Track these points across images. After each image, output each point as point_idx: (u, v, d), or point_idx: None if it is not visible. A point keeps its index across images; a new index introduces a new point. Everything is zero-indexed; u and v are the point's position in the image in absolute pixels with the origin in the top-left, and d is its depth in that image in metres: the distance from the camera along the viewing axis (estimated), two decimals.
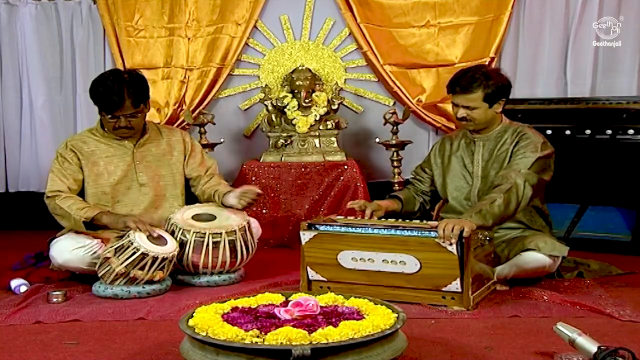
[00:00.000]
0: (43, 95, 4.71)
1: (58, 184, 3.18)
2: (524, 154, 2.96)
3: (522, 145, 3.00)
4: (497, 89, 3.01)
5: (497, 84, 3.02)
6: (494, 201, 2.79)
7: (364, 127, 4.65)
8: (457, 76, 3.07)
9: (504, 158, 3.04)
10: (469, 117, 3.04)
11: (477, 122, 3.06)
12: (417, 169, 3.40)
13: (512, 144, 3.04)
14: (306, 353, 1.76)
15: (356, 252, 2.76)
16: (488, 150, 3.11)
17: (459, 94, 3.02)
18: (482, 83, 2.99)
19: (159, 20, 4.60)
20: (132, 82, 3.18)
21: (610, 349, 1.98)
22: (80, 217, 3.07)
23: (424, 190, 3.31)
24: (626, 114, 3.87)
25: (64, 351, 2.30)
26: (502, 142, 3.08)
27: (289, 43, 4.64)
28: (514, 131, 3.08)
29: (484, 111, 3.03)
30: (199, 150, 3.48)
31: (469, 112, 3.03)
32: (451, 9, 4.41)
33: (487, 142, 3.12)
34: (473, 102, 3.00)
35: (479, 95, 2.99)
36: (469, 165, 3.15)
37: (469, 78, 3.01)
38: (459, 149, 3.21)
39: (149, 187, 3.31)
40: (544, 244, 2.87)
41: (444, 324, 2.52)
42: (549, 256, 2.88)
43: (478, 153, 3.13)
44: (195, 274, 3.15)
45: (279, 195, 4.19)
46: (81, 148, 3.26)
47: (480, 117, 3.04)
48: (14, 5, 4.70)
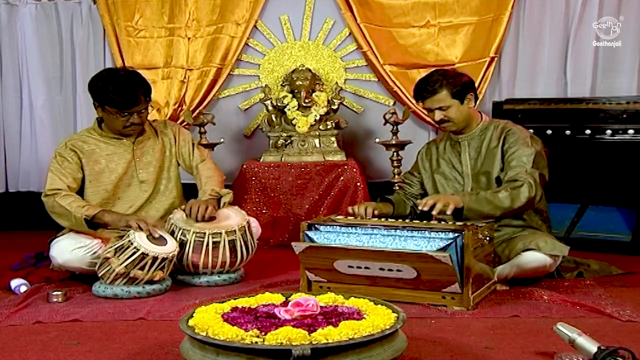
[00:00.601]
0: (43, 95, 4.71)
1: (57, 182, 3.18)
2: (518, 150, 3.01)
3: (511, 141, 3.05)
4: (461, 85, 3.10)
5: (458, 80, 3.11)
6: (498, 192, 2.85)
7: (364, 127, 4.65)
8: (418, 83, 3.17)
9: (495, 155, 3.08)
10: (447, 118, 3.11)
11: (456, 120, 3.12)
12: (406, 174, 3.46)
13: (500, 140, 3.10)
14: (306, 353, 1.76)
15: (352, 261, 2.74)
16: (474, 148, 3.17)
17: (427, 98, 3.11)
18: (443, 81, 3.08)
19: (159, 20, 4.60)
20: (138, 77, 3.23)
21: (610, 349, 1.98)
22: (82, 214, 3.06)
23: (413, 194, 3.32)
24: (626, 114, 3.87)
25: (64, 351, 2.30)
26: (487, 139, 3.14)
27: (289, 43, 4.64)
28: (497, 127, 3.15)
29: (457, 108, 3.10)
30: (189, 139, 3.47)
31: (444, 113, 3.10)
32: (451, 9, 4.42)
33: (471, 140, 3.19)
34: (443, 101, 3.08)
35: (445, 94, 3.08)
36: (457, 165, 3.20)
37: (430, 81, 3.11)
38: (445, 151, 3.27)
39: (149, 183, 3.32)
40: (544, 243, 2.87)
41: (444, 324, 2.52)
42: (549, 255, 2.88)
43: (465, 152, 3.19)
44: (195, 274, 3.15)
45: (279, 195, 4.19)
46: (81, 147, 3.26)
47: (457, 115, 3.11)
48: (14, 5, 4.71)
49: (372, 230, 2.79)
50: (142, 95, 3.18)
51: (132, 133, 3.27)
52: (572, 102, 4.09)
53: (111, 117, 3.19)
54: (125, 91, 3.13)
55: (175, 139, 3.42)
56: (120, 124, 3.20)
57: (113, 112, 3.17)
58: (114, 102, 3.14)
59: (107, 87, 3.13)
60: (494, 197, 2.84)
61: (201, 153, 3.46)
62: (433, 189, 3.26)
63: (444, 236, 2.67)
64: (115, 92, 3.12)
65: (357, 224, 2.87)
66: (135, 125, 3.22)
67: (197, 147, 3.48)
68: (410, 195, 3.32)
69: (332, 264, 2.77)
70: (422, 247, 2.65)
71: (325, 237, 2.83)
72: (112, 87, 3.13)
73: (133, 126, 3.21)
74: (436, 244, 2.64)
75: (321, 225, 2.88)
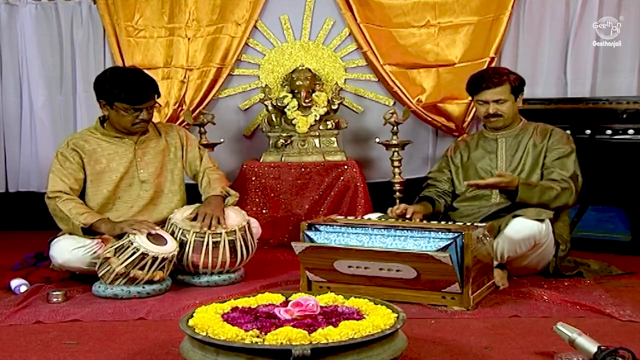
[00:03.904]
0: (43, 95, 4.71)
1: (59, 184, 3.18)
2: (564, 150, 3.15)
3: (556, 139, 3.20)
4: (519, 82, 3.23)
5: (518, 77, 3.25)
6: (551, 188, 2.99)
7: (364, 127, 4.65)
8: (480, 75, 3.27)
9: (538, 151, 3.19)
10: (500, 112, 3.20)
11: (507, 116, 3.22)
12: (434, 172, 3.47)
13: (545, 139, 3.21)
14: (306, 353, 1.77)
15: (352, 261, 2.75)
16: (511, 146, 3.26)
17: (488, 89, 3.18)
18: (510, 75, 3.21)
19: (159, 20, 4.60)
20: (144, 73, 3.29)
21: (610, 349, 1.98)
22: (79, 222, 3.06)
23: (445, 191, 3.36)
24: (626, 114, 3.87)
25: (64, 351, 2.30)
26: (528, 136, 3.25)
27: (289, 43, 4.63)
28: (538, 127, 3.28)
29: (512, 104, 3.21)
30: (196, 144, 3.50)
31: (498, 107, 3.19)
32: (451, 9, 4.41)
33: (508, 138, 3.29)
34: (503, 94, 3.17)
35: (507, 88, 3.18)
36: (493, 160, 3.28)
37: (496, 73, 3.24)
38: (477, 147, 3.35)
39: (150, 183, 3.32)
40: (528, 211, 2.95)
41: (444, 324, 2.52)
42: (536, 221, 2.90)
43: (501, 148, 3.28)
44: (195, 274, 3.15)
45: (279, 195, 4.19)
46: (83, 146, 3.26)
47: (509, 111, 3.21)
48: (14, 5, 4.70)
49: (372, 230, 2.79)
50: (152, 91, 3.23)
51: (140, 130, 3.28)
52: (572, 102, 4.09)
53: (120, 115, 3.19)
54: (136, 86, 3.16)
55: (182, 144, 3.43)
56: (130, 121, 3.20)
57: (123, 109, 3.17)
58: (126, 98, 3.15)
59: (118, 83, 3.16)
60: (544, 193, 2.99)
61: (210, 160, 3.49)
62: (462, 180, 3.30)
63: (444, 236, 2.67)
64: (127, 87, 3.14)
65: (357, 224, 2.88)
66: (144, 122, 3.23)
67: (206, 155, 3.50)
68: (443, 193, 3.35)
69: (332, 264, 2.77)
70: (422, 247, 2.65)
71: (325, 237, 2.83)
72: (123, 83, 3.16)
73: (142, 123, 3.23)
74: (436, 244, 2.64)
75: (321, 225, 2.88)
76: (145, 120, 3.22)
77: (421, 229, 2.73)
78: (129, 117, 3.19)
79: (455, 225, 2.86)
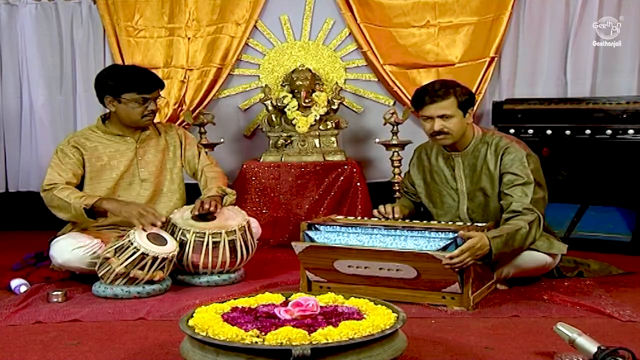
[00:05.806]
0: (43, 95, 4.71)
1: (55, 177, 3.17)
2: (517, 177, 2.88)
3: (508, 163, 2.92)
4: (468, 96, 2.97)
5: (465, 90, 2.98)
6: (519, 229, 2.75)
7: (364, 127, 4.65)
8: (424, 88, 3.00)
9: (491, 174, 2.97)
10: (446, 129, 2.93)
11: (454, 133, 2.96)
12: (405, 180, 3.37)
13: (498, 160, 2.96)
14: (306, 353, 1.76)
15: (352, 261, 2.75)
16: (468, 166, 3.05)
17: (432, 104, 2.92)
18: (456, 88, 2.95)
19: (159, 20, 4.60)
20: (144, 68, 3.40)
21: (610, 349, 1.98)
22: (80, 204, 3.05)
23: (417, 201, 3.30)
24: (626, 114, 3.87)
25: (64, 351, 2.30)
26: (482, 157, 3.01)
27: (289, 43, 4.64)
28: (492, 144, 3.00)
29: (459, 121, 2.94)
30: (194, 142, 3.52)
31: (444, 124, 2.93)
32: (451, 9, 4.41)
33: (465, 157, 3.05)
34: (449, 109, 2.91)
35: (453, 102, 2.92)
36: (451, 182, 3.10)
37: (440, 86, 2.95)
38: (438, 164, 3.15)
39: (149, 182, 3.33)
40: (542, 242, 2.88)
41: (444, 324, 2.52)
42: (548, 254, 2.88)
43: (459, 169, 3.07)
44: (195, 274, 3.15)
45: (279, 195, 4.19)
46: (84, 144, 3.27)
47: (457, 128, 2.95)
48: (14, 5, 4.70)
49: (372, 230, 2.79)
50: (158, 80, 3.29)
51: (149, 122, 3.30)
52: (572, 102, 4.09)
53: (129, 107, 3.21)
54: (143, 75, 3.24)
55: (181, 143, 3.46)
56: (140, 112, 3.22)
57: (132, 100, 3.19)
58: (135, 87, 3.18)
59: (124, 75, 3.22)
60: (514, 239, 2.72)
61: (208, 157, 3.52)
62: (429, 202, 3.20)
63: (444, 236, 2.67)
64: (134, 77, 3.20)
65: (357, 224, 2.88)
66: (152, 114, 3.26)
67: (203, 153, 3.52)
68: (415, 203, 3.30)
69: (332, 264, 2.77)
70: (422, 246, 2.65)
71: (325, 237, 2.83)
72: (129, 74, 3.24)
73: (151, 114, 3.25)
74: (436, 243, 2.64)
75: (321, 225, 2.89)
76: (154, 111, 3.25)
77: (421, 229, 2.73)
78: (138, 108, 3.20)
79: (455, 225, 2.86)
